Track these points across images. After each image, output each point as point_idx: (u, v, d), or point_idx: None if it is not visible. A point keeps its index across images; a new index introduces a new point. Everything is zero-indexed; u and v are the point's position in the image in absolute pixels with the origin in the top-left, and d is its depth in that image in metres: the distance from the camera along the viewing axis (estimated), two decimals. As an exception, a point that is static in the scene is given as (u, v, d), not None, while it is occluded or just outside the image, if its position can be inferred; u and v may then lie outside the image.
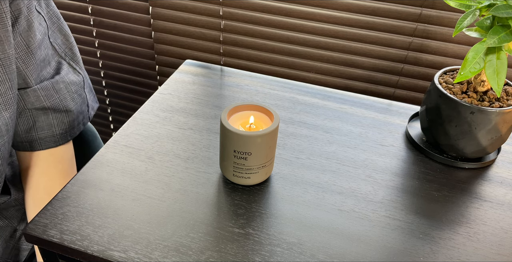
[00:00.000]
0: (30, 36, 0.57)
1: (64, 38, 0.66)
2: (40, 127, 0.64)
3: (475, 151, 0.60)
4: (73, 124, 0.67)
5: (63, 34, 0.66)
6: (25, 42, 0.57)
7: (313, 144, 0.64)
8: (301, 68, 0.86)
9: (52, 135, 0.65)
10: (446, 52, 0.76)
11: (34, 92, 0.60)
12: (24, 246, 0.70)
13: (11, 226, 0.69)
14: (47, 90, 0.62)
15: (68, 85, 0.64)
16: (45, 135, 0.64)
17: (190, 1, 0.84)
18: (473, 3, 0.53)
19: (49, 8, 0.63)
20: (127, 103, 1.09)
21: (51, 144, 0.65)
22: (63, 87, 0.64)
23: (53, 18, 0.63)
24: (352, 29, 0.78)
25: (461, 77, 0.53)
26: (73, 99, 0.66)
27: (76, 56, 0.68)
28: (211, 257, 0.48)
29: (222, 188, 0.56)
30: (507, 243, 0.52)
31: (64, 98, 0.64)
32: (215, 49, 0.90)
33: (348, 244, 0.50)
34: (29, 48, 0.57)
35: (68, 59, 0.66)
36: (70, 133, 0.67)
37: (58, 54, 0.65)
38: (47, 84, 0.62)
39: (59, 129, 0.65)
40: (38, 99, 0.61)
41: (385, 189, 0.57)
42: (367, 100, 0.74)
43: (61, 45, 0.65)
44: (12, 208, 0.69)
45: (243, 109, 0.55)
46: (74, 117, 0.67)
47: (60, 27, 0.65)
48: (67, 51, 0.66)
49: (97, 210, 0.52)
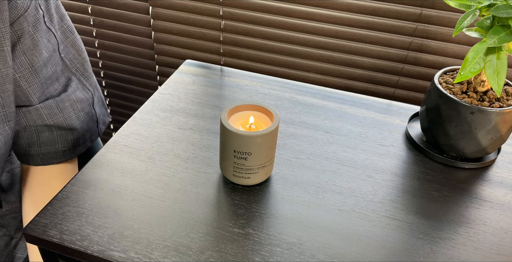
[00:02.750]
0: (34, 54, 0.56)
1: (77, 53, 0.65)
2: (43, 143, 0.63)
3: (475, 151, 0.60)
4: (77, 142, 0.66)
5: (76, 49, 0.65)
6: (29, 61, 0.56)
7: (313, 144, 0.64)
8: (301, 68, 0.86)
9: (55, 152, 0.64)
10: (446, 52, 0.76)
11: (36, 111, 0.60)
12: (18, 254, 0.70)
13: (8, 235, 0.69)
14: (50, 109, 0.61)
15: (74, 103, 0.63)
16: (47, 151, 0.64)
17: (190, 1, 0.84)
18: (473, 3, 0.53)
19: (63, 22, 0.62)
20: (127, 103, 1.09)
21: (52, 160, 0.65)
22: (69, 106, 0.63)
23: (67, 32, 0.62)
24: (352, 29, 0.78)
25: (461, 77, 0.53)
26: (79, 117, 0.64)
27: (87, 72, 0.67)
28: (211, 257, 0.48)
29: (222, 188, 0.56)
30: (507, 243, 0.52)
31: (68, 116, 0.63)
32: (215, 49, 0.90)
33: (348, 244, 0.50)
34: (33, 67, 0.57)
35: (79, 75, 0.65)
36: (74, 150, 0.67)
37: (69, 70, 0.64)
38: (51, 103, 0.61)
39: (62, 146, 0.64)
40: (40, 117, 0.60)
41: (385, 189, 0.57)
42: (367, 100, 0.74)
43: (73, 61, 0.64)
44: (8, 216, 0.68)
45: (243, 109, 0.55)
46: (79, 136, 0.66)
47: (73, 41, 0.64)
48: (78, 66, 0.65)
49: (97, 210, 0.52)
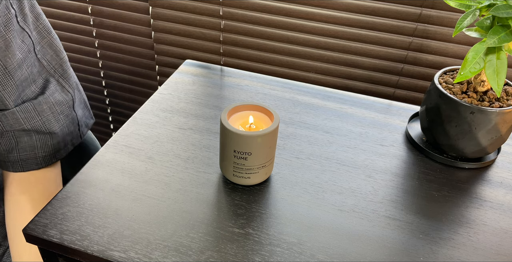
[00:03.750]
0: (7, 56, 0.54)
1: (55, 54, 0.62)
2: (22, 149, 0.61)
3: (475, 151, 0.60)
4: (58, 146, 0.64)
5: (53, 50, 0.62)
6: (2, 63, 0.54)
7: (313, 144, 0.64)
8: (301, 68, 0.86)
9: (35, 157, 0.62)
10: (446, 52, 0.76)
11: (12, 114, 0.57)
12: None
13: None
14: (27, 112, 0.58)
15: (53, 106, 0.61)
16: (26, 157, 0.61)
17: (190, 1, 0.84)
18: (473, 3, 0.53)
19: (39, 21, 0.60)
20: (127, 103, 1.09)
21: (32, 166, 0.63)
22: (47, 109, 0.60)
23: (43, 32, 0.60)
24: (352, 29, 0.78)
25: (461, 77, 0.53)
26: (58, 121, 0.62)
27: (66, 73, 0.64)
28: (211, 257, 0.48)
29: (222, 188, 0.56)
30: (507, 243, 0.52)
31: (47, 120, 0.61)
32: (215, 49, 0.90)
33: (348, 244, 0.50)
34: (6, 69, 0.54)
35: (58, 76, 0.63)
36: (55, 155, 0.64)
37: (47, 71, 0.61)
38: (28, 106, 0.59)
39: (42, 152, 0.62)
40: (17, 121, 0.58)
41: (385, 189, 0.57)
42: (367, 100, 0.74)
43: (51, 61, 0.62)
44: None
45: (243, 109, 0.55)
46: (59, 140, 0.64)
47: (51, 42, 0.62)
48: (57, 67, 0.63)
49: (97, 210, 0.52)
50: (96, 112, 1.15)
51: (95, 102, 1.12)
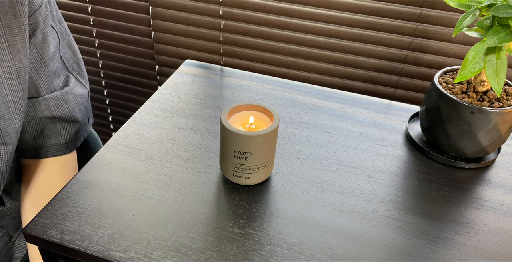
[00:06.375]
0: (44, 48, 0.59)
1: (72, 54, 0.68)
2: (47, 136, 0.65)
3: (475, 151, 0.60)
4: (77, 134, 0.68)
5: (72, 50, 0.68)
6: (40, 53, 0.59)
7: (313, 144, 0.64)
8: (301, 68, 0.86)
9: (58, 143, 0.66)
10: (446, 52, 0.76)
11: (45, 101, 0.62)
12: (16, 254, 0.70)
13: (8, 235, 0.69)
14: (57, 100, 0.63)
15: (76, 96, 0.66)
16: (51, 143, 0.65)
17: (190, 1, 0.84)
18: (473, 3, 0.53)
19: (61, 24, 0.65)
20: (127, 103, 1.09)
21: (56, 152, 0.66)
22: (72, 98, 0.65)
23: (64, 34, 0.66)
24: (352, 29, 0.78)
25: (461, 77, 0.53)
26: (80, 110, 0.67)
27: (82, 71, 0.70)
28: (211, 257, 0.48)
29: (222, 188, 0.56)
30: (507, 243, 0.52)
31: (72, 108, 0.65)
32: (215, 49, 0.90)
33: (348, 244, 0.50)
34: (43, 60, 0.59)
35: (75, 74, 0.68)
36: (74, 142, 0.69)
37: (66, 68, 0.66)
38: (58, 94, 0.63)
39: (65, 138, 0.66)
40: (48, 108, 0.62)
41: (385, 189, 0.57)
42: (367, 100, 0.74)
43: (69, 60, 0.67)
44: (7, 216, 0.69)
45: (243, 109, 0.55)
46: (79, 128, 0.68)
47: (69, 43, 0.67)
48: (74, 66, 0.68)
49: (97, 210, 0.52)
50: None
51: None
